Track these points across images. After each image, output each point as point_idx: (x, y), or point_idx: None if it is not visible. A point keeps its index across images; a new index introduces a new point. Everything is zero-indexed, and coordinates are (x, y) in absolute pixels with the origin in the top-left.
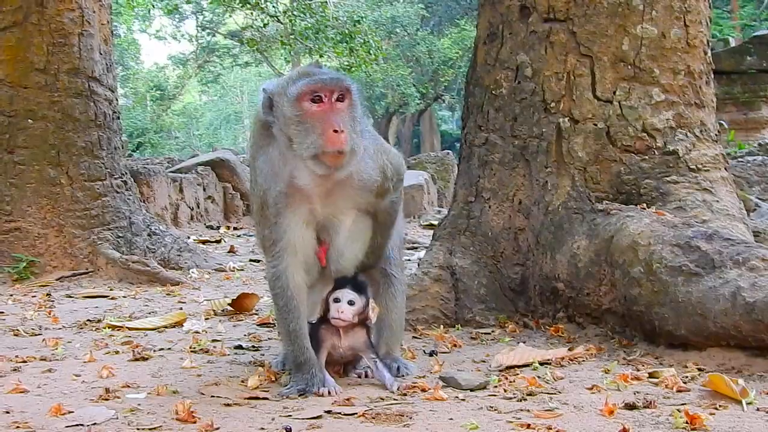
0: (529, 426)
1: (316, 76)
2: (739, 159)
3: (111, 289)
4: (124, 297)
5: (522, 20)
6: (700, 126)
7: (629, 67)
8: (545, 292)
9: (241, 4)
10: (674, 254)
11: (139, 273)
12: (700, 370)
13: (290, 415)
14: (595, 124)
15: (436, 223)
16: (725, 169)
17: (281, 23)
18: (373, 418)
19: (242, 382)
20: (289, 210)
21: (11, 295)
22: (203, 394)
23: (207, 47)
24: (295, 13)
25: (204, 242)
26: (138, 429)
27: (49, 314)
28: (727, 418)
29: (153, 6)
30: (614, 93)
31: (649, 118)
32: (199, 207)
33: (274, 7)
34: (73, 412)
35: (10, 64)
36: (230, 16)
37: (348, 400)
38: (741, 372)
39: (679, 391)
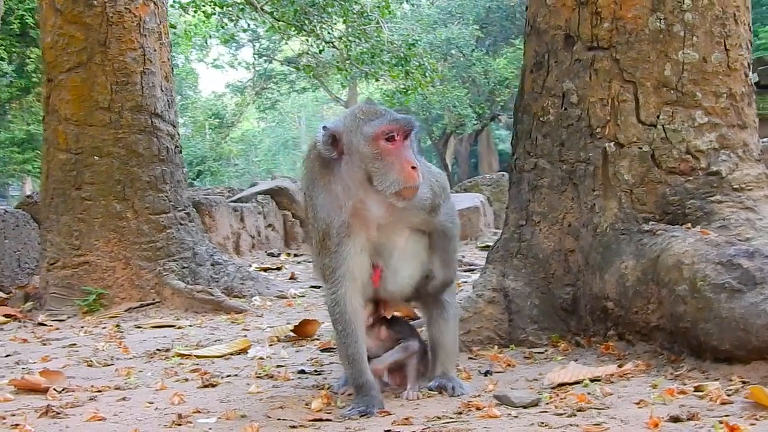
0: None
1: (387, 116)
2: None
3: (177, 319)
4: (190, 326)
5: (567, 49)
6: (743, 146)
7: (672, 91)
8: (596, 311)
9: (296, 31)
10: (717, 272)
11: (204, 302)
12: (744, 382)
13: None
14: (640, 148)
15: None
16: None
17: (336, 49)
18: None
19: (306, 405)
20: (349, 239)
21: (82, 327)
22: (270, 417)
23: (264, 74)
24: (350, 38)
25: (266, 270)
26: None
27: (120, 345)
28: (767, 428)
29: (210, 36)
30: (658, 117)
31: (692, 140)
32: (260, 235)
33: (329, 33)
34: None
35: (76, 103)
36: (286, 43)
37: (407, 419)
38: None
39: (722, 403)
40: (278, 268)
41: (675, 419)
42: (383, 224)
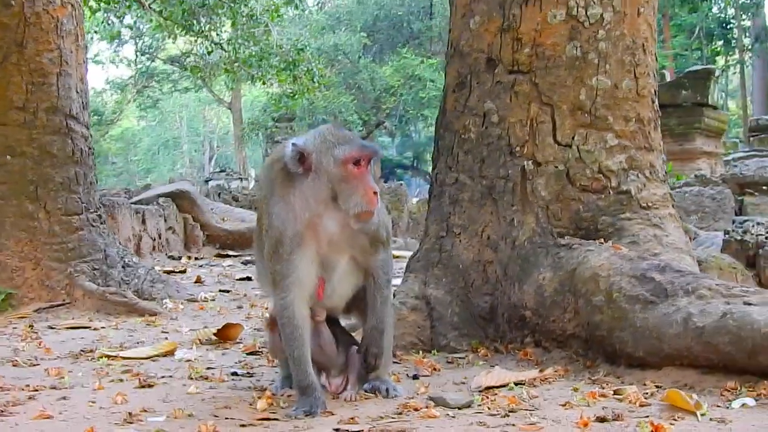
0: None
1: (356, 142)
2: (677, 190)
3: (90, 320)
4: (105, 328)
5: (488, 71)
6: (650, 168)
7: (586, 115)
8: (513, 320)
9: (184, 31)
10: (632, 284)
11: (117, 304)
12: (657, 387)
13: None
14: (556, 167)
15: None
16: (672, 206)
17: (224, 51)
18: None
19: (251, 405)
20: (300, 249)
21: None
22: (217, 416)
23: (146, 72)
24: (239, 41)
25: (169, 272)
26: None
27: (40, 345)
28: (686, 427)
29: (94, 32)
30: (573, 138)
31: (604, 160)
32: (160, 238)
33: (218, 34)
34: None
35: None
36: (173, 41)
37: (352, 419)
38: (693, 388)
39: (641, 405)
40: (182, 271)
41: (602, 419)
42: (333, 240)
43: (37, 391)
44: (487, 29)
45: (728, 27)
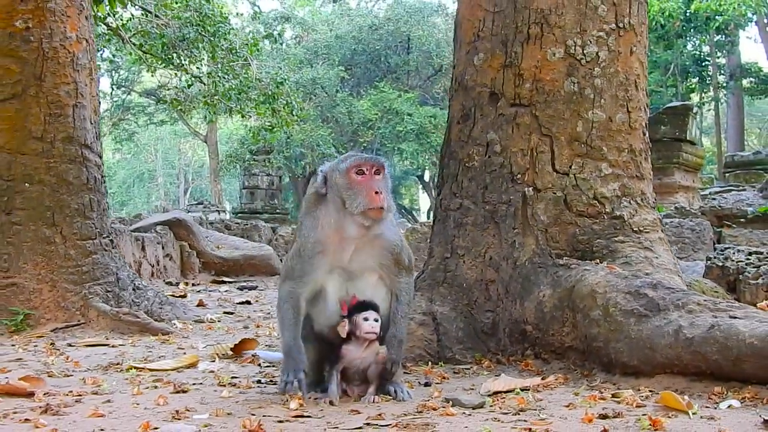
0: (530, 429)
1: (359, 155)
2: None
3: (107, 339)
4: (124, 345)
5: (491, 104)
6: (641, 195)
7: (582, 145)
8: (514, 334)
9: (164, 65)
10: (627, 300)
11: (130, 324)
12: (651, 392)
13: (336, 427)
14: (555, 193)
15: None
16: (661, 231)
17: (204, 84)
18: (405, 427)
19: (283, 405)
20: (320, 255)
21: (12, 345)
22: (254, 415)
23: (121, 105)
24: (219, 74)
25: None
26: None
27: (68, 359)
28: (681, 423)
29: None
30: (570, 167)
31: (599, 188)
32: (158, 264)
33: (198, 68)
34: (158, 428)
35: (9, 132)
36: (152, 75)
37: (379, 415)
38: (683, 393)
39: (638, 406)
40: (183, 296)
41: (604, 417)
42: (357, 249)
43: (81, 395)
44: (491, 65)
45: (703, 64)
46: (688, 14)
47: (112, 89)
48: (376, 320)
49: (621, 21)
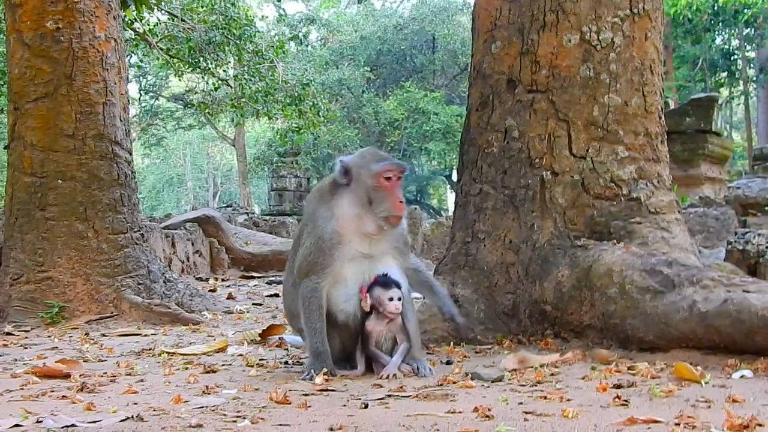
0: (545, 397)
1: (390, 160)
2: (682, 212)
3: (139, 329)
4: (156, 334)
5: (509, 91)
6: (657, 177)
7: (599, 129)
8: (534, 314)
9: (190, 69)
10: (642, 277)
11: (162, 315)
12: (666, 365)
13: (359, 399)
14: (572, 176)
15: None
16: (678, 212)
17: (230, 87)
18: (425, 398)
19: (309, 380)
20: (340, 245)
21: (49, 336)
22: (280, 389)
23: (150, 110)
24: (245, 77)
25: None
26: (251, 408)
27: (102, 347)
28: (692, 390)
29: None
30: (587, 151)
31: (615, 171)
32: (188, 260)
33: (224, 71)
34: (189, 401)
35: (42, 130)
36: (179, 79)
37: (401, 387)
38: (698, 366)
39: (652, 377)
40: (213, 290)
41: (618, 386)
42: (375, 238)
43: (115, 377)
44: (508, 53)
45: (732, 58)
46: (716, 8)
47: (140, 95)
48: (399, 299)
49: (635, 7)
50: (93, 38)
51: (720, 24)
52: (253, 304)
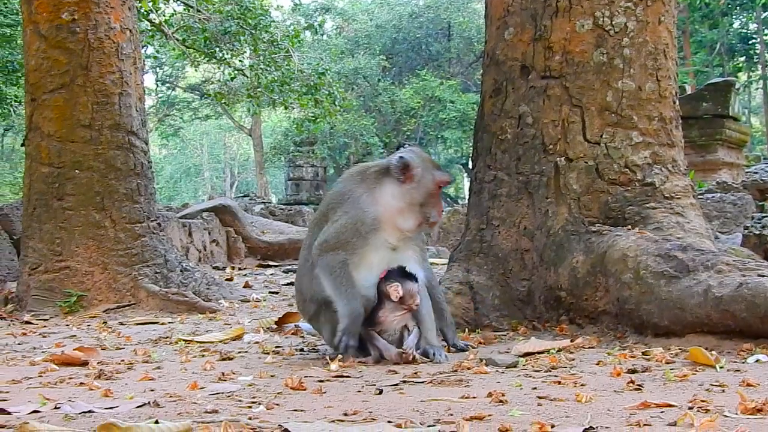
0: (559, 383)
1: (448, 173)
2: (699, 197)
3: (156, 317)
4: (173, 322)
5: (523, 78)
6: (672, 162)
7: (613, 115)
8: (549, 300)
9: (206, 59)
10: (657, 262)
11: (179, 303)
12: (681, 350)
13: (374, 385)
14: (586, 162)
15: None
16: (693, 197)
17: (246, 77)
18: (440, 383)
19: (325, 367)
20: (377, 231)
21: (67, 325)
22: (296, 375)
23: (166, 101)
24: (261, 67)
25: None
26: (267, 394)
27: (119, 335)
28: (707, 375)
29: None
30: (601, 136)
31: (630, 156)
32: (205, 249)
33: (240, 61)
34: (205, 387)
35: (59, 121)
36: (196, 69)
37: (415, 373)
38: (713, 351)
39: (667, 362)
40: (230, 279)
41: (632, 371)
42: (406, 235)
43: (132, 364)
44: (521, 39)
45: (750, 42)
46: None
47: (157, 85)
48: (418, 292)
49: None
50: (108, 29)
51: (738, 8)
52: (270, 292)
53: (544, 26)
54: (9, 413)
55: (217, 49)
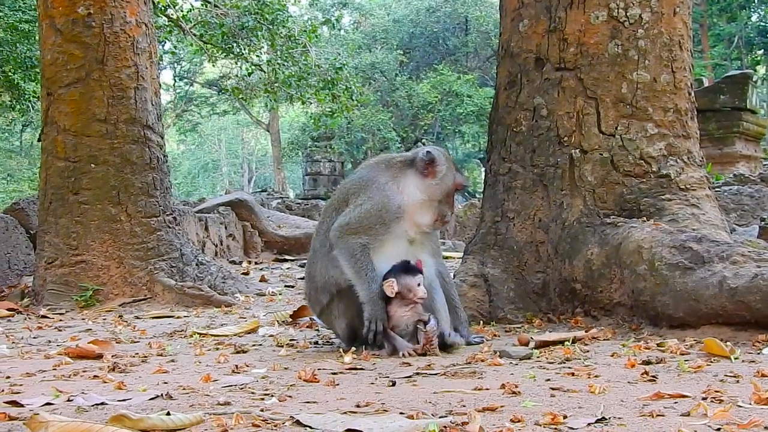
0: (573, 374)
1: (466, 178)
2: (716, 190)
3: (172, 311)
4: (188, 316)
5: (537, 69)
6: (687, 154)
7: (628, 106)
8: (564, 293)
9: (224, 54)
10: (672, 254)
11: (194, 297)
12: (696, 341)
13: (387, 377)
14: (601, 154)
15: None
16: (708, 188)
17: (263, 72)
18: (453, 375)
19: (338, 359)
20: (399, 221)
21: (83, 319)
22: (309, 367)
23: (184, 97)
24: (278, 62)
25: None
26: (279, 386)
27: (135, 329)
28: (721, 366)
29: None
30: (616, 128)
31: (645, 148)
32: (222, 244)
33: (257, 56)
34: (218, 380)
35: (74, 115)
36: (214, 65)
37: (429, 366)
38: (727, 342)
39: (681, 354)
40: (246, 273)
41: (647, 362)
42: (423, 229)
43: (146, 357)
44: (536, 31)
45: None
46: None
47: (175, 81)
48: (419, 285)
49: None
50: (124, 23)
51: (756, 1)
52: (286, 286)
53: (558, 18)
54: (22, 405)
55: (235, 44)
